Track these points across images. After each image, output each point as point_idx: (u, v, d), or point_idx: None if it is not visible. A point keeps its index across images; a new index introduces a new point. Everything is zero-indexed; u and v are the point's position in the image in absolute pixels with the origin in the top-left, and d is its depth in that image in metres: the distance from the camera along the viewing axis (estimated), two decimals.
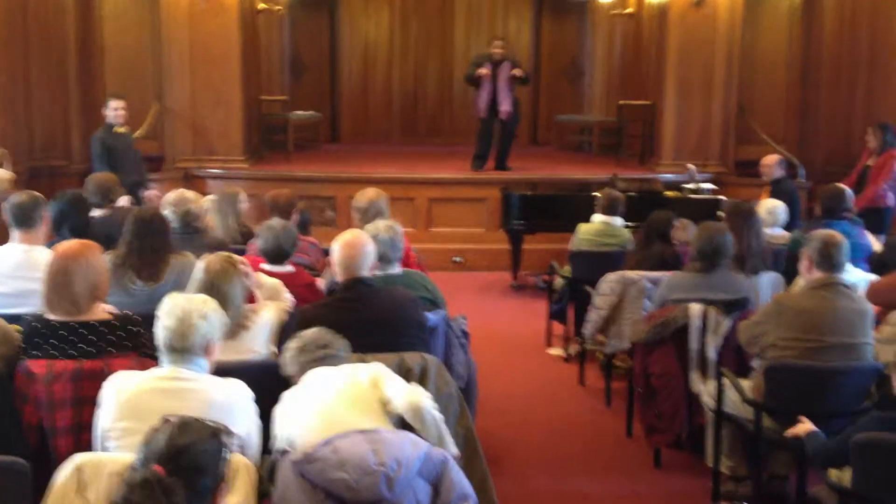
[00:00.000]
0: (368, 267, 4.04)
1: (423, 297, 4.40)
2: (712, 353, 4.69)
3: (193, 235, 5.33)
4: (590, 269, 6.36)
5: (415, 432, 3.01)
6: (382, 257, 4.35)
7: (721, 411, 4.43)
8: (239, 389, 3.07)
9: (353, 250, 4.00)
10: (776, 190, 7.74)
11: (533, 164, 11.23)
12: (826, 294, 4.16)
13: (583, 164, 11.73)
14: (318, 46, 14.49)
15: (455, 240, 9.85)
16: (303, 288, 4.56)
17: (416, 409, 3.08)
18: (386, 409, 3.07)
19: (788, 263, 5.61)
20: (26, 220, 4.57)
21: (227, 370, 3.33)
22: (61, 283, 3.46)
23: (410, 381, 3.40)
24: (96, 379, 3.24)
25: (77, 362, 3.35)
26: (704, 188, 8.96)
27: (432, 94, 14.68)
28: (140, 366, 3.29)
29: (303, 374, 3.25)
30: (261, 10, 11.85)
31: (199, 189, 8.34)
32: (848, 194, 6.44)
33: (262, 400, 3.18)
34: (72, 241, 3.69)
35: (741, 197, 7.97)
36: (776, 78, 11.43)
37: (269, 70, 13.01)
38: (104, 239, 4.39)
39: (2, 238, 4.83)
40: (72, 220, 5.10)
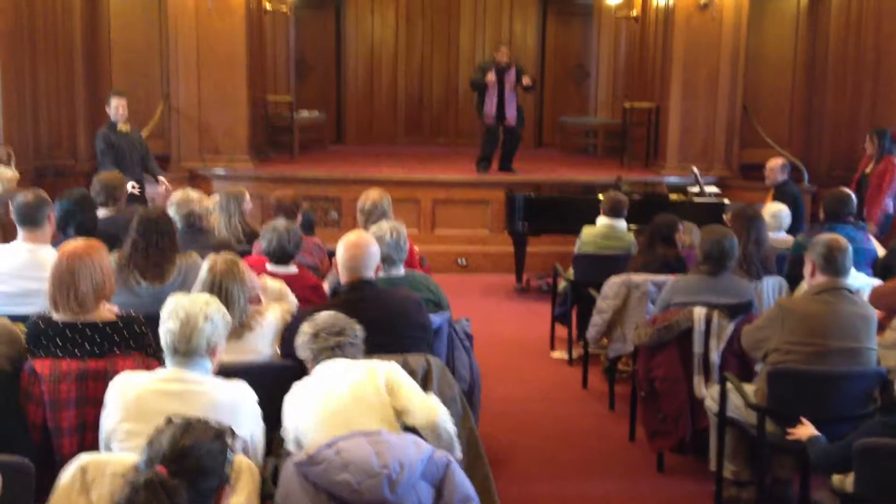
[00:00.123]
0: (372, 268, 4.04)
1: (426, 298, 4.40)
2: (716, 357, 4.68)
3: (198, 235, 5.35)
4: (593, 272, 6.37)
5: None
6: (386, 259, 4.35)
7: (724, 415, 4.43)
8: (243, 391, 3.07)
9: (358, 251, 4.00)
10: (780, 194, 7.73)
11: (537, 166, 11.24)
12: (830, 299, 4.16)
13: (587, 166, 11.74)
14: (323, 47, 14.52)
15: (459, 242, 9.86)
16: (307, 289, 4.57)
17: (433, 426, 3.10)
18: (400, 418, 3.07)
19: (792, 267, 5.61)
20: (32, 219, 4.57)
21: (232, 371, 3.33)
22: (67, 282, 3.46)
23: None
24: (101, 379, 3.26)
25: (82, 362, 3.35)
26: (709, 191, 8.96)
27: (437, 96, 14.70)
28: (145, 366, 3.30)
29: (316, 361, 3.25)
30: (267, 11, 11.88)
31: (203, 189, 8.34)
32: (852, 199, 6.43)
33: (266, 401, 3.18)
34: (77, 241, 3.68)
35: (745, 200, 7.97)
36: (781, 82, 11.43)
37: (274, 70, 13.04)
38: (109, 239, 4.40)
39: (8, 236, 4.84)
40: (77, 219, 5.10)
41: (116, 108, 8.10)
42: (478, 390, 4.69)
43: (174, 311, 3.02)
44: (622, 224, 6.94)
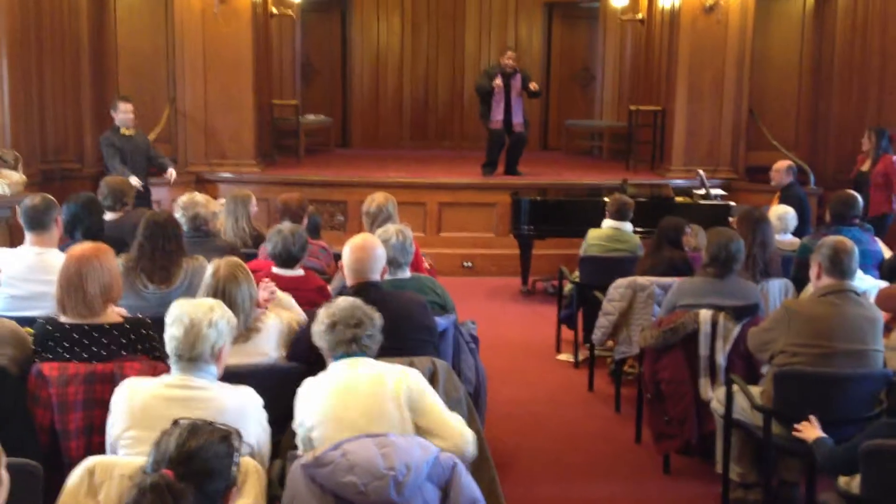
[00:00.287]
0: (378, 271, 4.05)
1: (432, 301, 4.41)
2: (721, 359, 4.68)
3: (204, 239, 5.36)
4: (599, 275, 6.37)
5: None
6: (392, 261, 4.36)
7: (730, 417, 4.43)
8: (248, 397, 3.06)
9: (363, 254, 4.01)
10: (786, 196, 7.73)
11: (543, 169, 11.24)
12: (836, 301, 4.15)
13: (593, 169, 11.73)
14: (329, 51, 14.54)
15: (465, 244, 9.86)
16: (313, 292, 4.58)
17: (461, 454, 3.05)
18: (421, 433, 3.04)
19: (798, 270, 5.61)
20: (39, 222, 4.59)
21: (238, 373, 3.34)
22: (75, 285, 3.47)
23: None
24: (108, 382, 3.27)
25: (89, 365, 3.37)
26: (714, 194, 8.95)
27: (443, 99, 14.70)
28: (151, 369, 3.31)
29: (332, 352, 3.22)
30: (273, 15, 11.90)
31: (210, 193, 8.37)
32: (858, 201, 6.42)
33: (272, 403, 3.18)
34: (85, 244, 3.70)
35: (751, 203, 7.97)
36: (787, 84, 11.42)
37: (280, 74, 13.05)
38: (116, 242, 4.42)
39: (15, 240, 4.86)
40: (85, 223, 5.12)
41: (126, 112, 8.13)
42: (483, 393, 4.69)
43: (178, 318, 3.01)
44: (628, 227, 6.93)
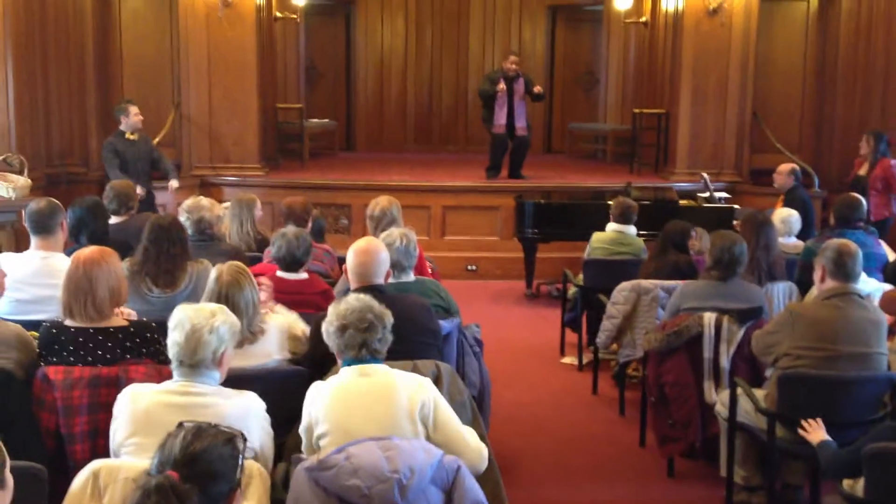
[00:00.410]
0: (382, 274, 4.05)
1: (436, 304, 4.41)
2: (726, 362, 4.68)
3: (209, 242, 5.37)
4: (603, 278, 6.37)
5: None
6: (396, 265, 4.36)
7: (734, 420, 4.42)
8: (251, 403, 3.04)
9: (367, 258, 4.01)
10: (790, 199, 7.72)
11: (547, 172, 11.24)
12: (840, 304, 4.15)
13: (597, 172, 11.72)
14: (333, 55, 14.56)
15: (469, 248, 9.86)
16: (317, 295, 4.59)
17: (476, 471, 3.04)
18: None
19: (802, 273, 5.60)
20: (44, 227, 4.60)
21: (243, 376, 3.35)
22: (85, 289, 3.47)
23: None
24: (113, 385, 3.28)
25: (94, 369, 3.38)
26: (718, 197, 8.95)
27: (447, 103, 14.72)
28: (156, 372, 3.32)
29: (340, 355, 3.19)
30: (277, 19, 11.92)
31: (215, 196, 8.37)
32: (863, 204, 6.42)
33: (276, 405, 3.18)
34: (91, 248, 3.71)
35: (756, 206, 7.96)
36: (791, 87, 11.41)
37: (284, 78, 13.08)
38: (120, 246, 4.43)
39: (21, 244, 4.87)
40: (90, 226, 5.12)
41: (137, 114, 8.16)
42: (488, 396, 4.69)
43: (179, 323, 3.00)
44: (632, 230, 6.93)
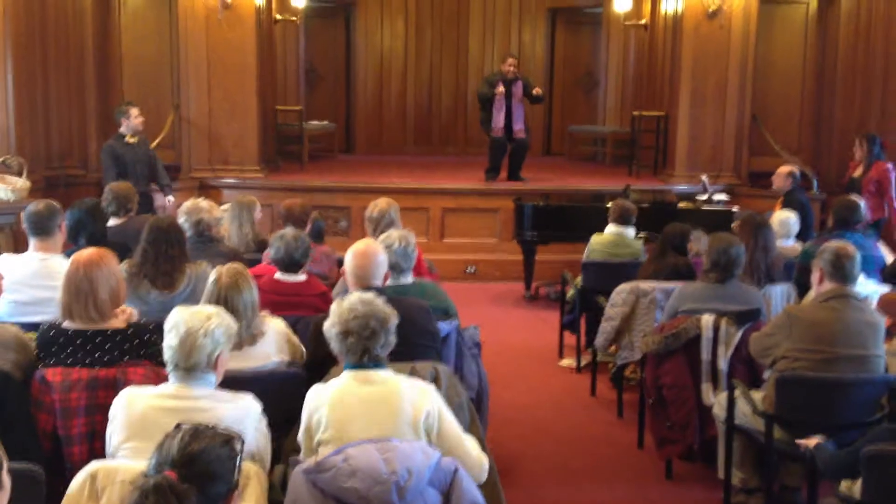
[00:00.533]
0: (380, 276, 4.06)
1: (435, 306, 4.41)
2: (723, 364, 4.68)
3: (208, 244, 5.37)
4: (602, 280, 6.38)
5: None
6: (395, 267, 4.37)
7: (732, 422, 4.43)
8: (248, 406, 3.03)
9: (366, 260, 4.02)
10: (788, 201, 7.72)
11: (546, 174, 11.24)
12: (837, 306, 4.16)
13: (596, 174, 11.73)
14: (333, 57, 14.56)
15: (468, 250, 9.87)
16: (316, 297, 4.59)
17: (478, 480, 3.04)
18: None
19: (800, 275, 5.61)
20: (43, 228, 4.61)
21: (241, 378, 3.34)
22: (86, 291, 3.47)
23: None
24: (111, 387, 3.29)
25: (92, 370, 3.38)
26: (717, 199, 8.95)
27: (446, 105, 14.73)
28: (154, 374, 3.32)
29: (342, 357, 3.19)
30: (277, 21, 11.92)
31: (214, 198, 8.36)
32: (861, 206, 6.42)
33: (274, 406, 3.18)
34: (90, 250, 3.71)
35: (754, 208, 7.96)
36: (790, 89, 11.42)
37: (284, 80, 13.09)
38: (119, 248, 4.43)
39: (19, 246, 4.88)
40: (89, 228, 5.12)
41: (139, 116, 8.14)
42: (486, 398, 4.69)
43: (174, 327, 2.99)
44: (631, 232, 6.94)
